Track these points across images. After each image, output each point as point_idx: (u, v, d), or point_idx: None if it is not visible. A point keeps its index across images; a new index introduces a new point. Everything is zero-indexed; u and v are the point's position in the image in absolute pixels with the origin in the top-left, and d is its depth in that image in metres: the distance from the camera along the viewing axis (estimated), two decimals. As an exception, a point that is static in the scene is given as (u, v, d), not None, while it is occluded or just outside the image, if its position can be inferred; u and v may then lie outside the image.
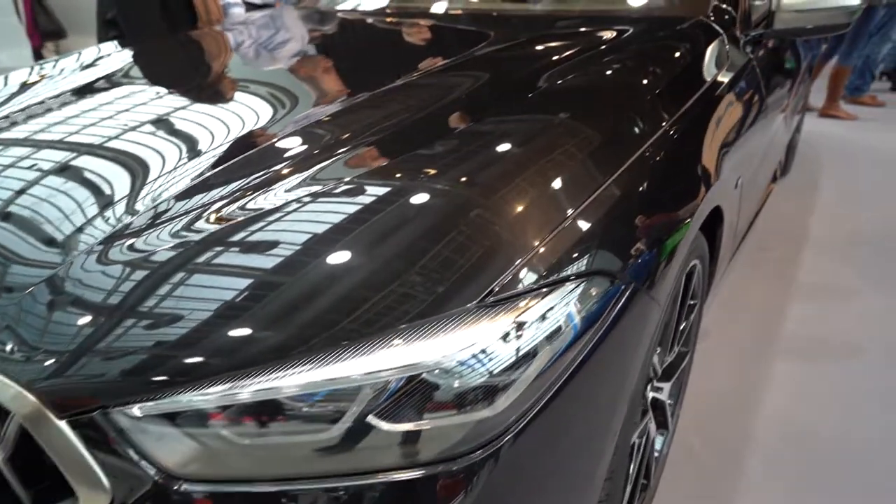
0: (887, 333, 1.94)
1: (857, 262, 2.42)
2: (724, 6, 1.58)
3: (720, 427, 1.57)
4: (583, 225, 0.78)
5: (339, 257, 0.71)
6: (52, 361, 0.64)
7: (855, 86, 4.99)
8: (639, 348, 0.83)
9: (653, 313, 0.85)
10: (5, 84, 1.48)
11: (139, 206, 0.85)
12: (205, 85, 1.42)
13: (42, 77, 1.53)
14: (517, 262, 0.71)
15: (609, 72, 1.21)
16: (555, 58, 1.29)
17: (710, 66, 1.35)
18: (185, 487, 0.63)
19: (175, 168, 0.95)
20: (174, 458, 0.62)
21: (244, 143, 1.01)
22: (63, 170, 0.97)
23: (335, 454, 0.64)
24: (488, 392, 0.66)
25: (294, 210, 0.79)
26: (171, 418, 0.62)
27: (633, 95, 1.11)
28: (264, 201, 0.82)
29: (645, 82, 1.17)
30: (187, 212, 0.82)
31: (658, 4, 1.71)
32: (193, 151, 1.00)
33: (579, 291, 0.73)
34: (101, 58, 1.67)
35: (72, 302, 0.70)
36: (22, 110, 1.25)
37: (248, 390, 0.62)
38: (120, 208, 0.85)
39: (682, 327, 1.27)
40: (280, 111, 1.16)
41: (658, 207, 0.92)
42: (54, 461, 0.63)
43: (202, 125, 1.12)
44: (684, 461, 1.46)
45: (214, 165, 0.94)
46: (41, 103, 1.28)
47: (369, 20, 1.90)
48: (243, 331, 0.65)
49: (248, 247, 0.74)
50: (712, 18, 1.53)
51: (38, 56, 4.78)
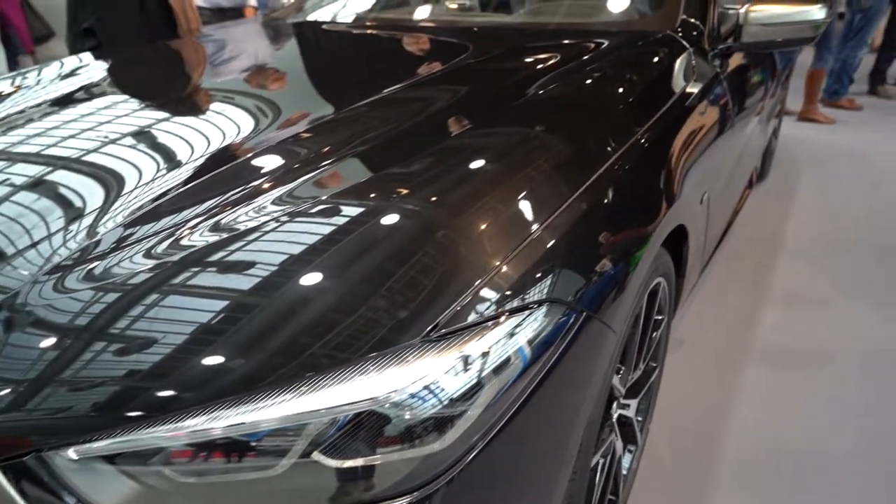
0: (857, 343, 1.96)
1: (831, 270, 2.45)
2: (693, 20, 1.59)
3: (691, 439, 1.58)
4: (535, 252, 0.78)
5: (291, 291, 0.70)
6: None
7: (833, 90, 5.05)
8: (593, 375, 0.84)
9: (607, 339, 0.85)
10: None
11: (100, 229, 0.84)
12: (175, 99, 1.40)
13: (17, 88, 1.52)
14: (466, 294, 0.70)
15: (573, 89, 1.21)
16: (519, 75, 1.29)
17: (677, 82, 1.36)
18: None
19: (137, 188, 0.94)
20: (113, 501, 0.61)
21: (214, 161, 1.00)
22: (28, 186, 0.95)
23: (281, 491, 0.63)
24: (436, 426, 0.66)
25: (256, 237, 0.78)
26: (110, 459, 0.61)
27: (596, 114, 1.12)
28: (229, 223, 0.81)
29: (609, 100, 1.18)
30: (141, 238, 0.81)
31: (626, 19, 1.72)
32: (161, 168, 0.99)
33: (529, 322, 0.72)
34: (79, 69, 1.66)
35: (7, 332, 0.68)
36: None
37: (191, 429, 0.62)
38: (76, 231, 0.84)
39: (649, 344, 1.27)
40: (253, 127, 1.15)
41: (615, 231, 0.92)
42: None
43: (170, 141, 1.11)
44: (654, 475, 1.46)
45: (182, 184, 0.93)
46: (7, 118, 1.26)
47: (346, 32, 1.90)
48: (186, 368, 0.64)
49: (195, 278, 0.73)
50: (680, 33, 1.53)
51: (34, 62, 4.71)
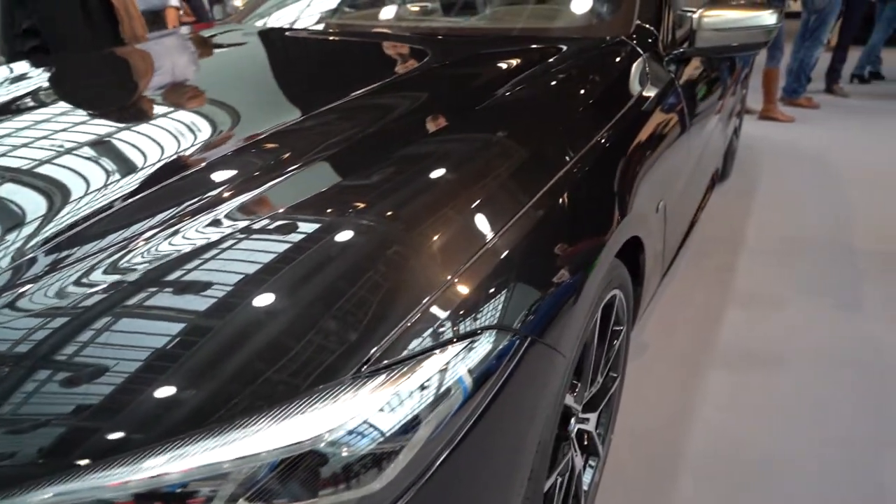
0: (815, 343, 1.99)
1: (791, 269, 2.48)
2: (647, 26, 1.58)
3: (653, 445, 1.58)
4: (477, 275, 0.75)
5: (223, 328, 0.65)
6: None
7: (792, 88, 5.16)
8: (542, 399, 0.81)
9: (556, 362, 0.83)
10: None
11: (33, 247, 0.79)
12: (120, 109, 1.34)
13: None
14: (404, 323, 0.67)
15: (524, 99, 1.19)
16: (469, 84, 1.26)
17: (631, 89, 1.34)
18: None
19: (75, 201, 0.89)
20: None
21: (162, 173, 0.95)
22: None
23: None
24: (371, 465, 0.62)
25: (196, 262, 0.74)
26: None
27: (545, 125, 1.09)
28: (173, 242, 0.77)
29: (560, 110, 1.16)
30: (77, 259, 0.76)
31: (580, 25, 1.70)
32: (102, 182, 0.94)
33: (470, 351, 0.69)
34: (23, 76, 1.58)
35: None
36: None
37: (114, 480, 0.57)
38: (5, 251, 0.78)
39: (607, 356, 1.26)
40: (204, 137, 1.10)
41: (563, 248, 0.89)
42: None
43: (113, 154, 1.05)
44: (617, 483, 1.45)
45: (123, 199, 0.88)
46: None
47: (302, 39, 1.84)
48: (108, 413, 0.59)
49: (120, 306, 0.69)
50: (634, 39, 1.52)
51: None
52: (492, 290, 0.75)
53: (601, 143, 1.10)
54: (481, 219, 0.82)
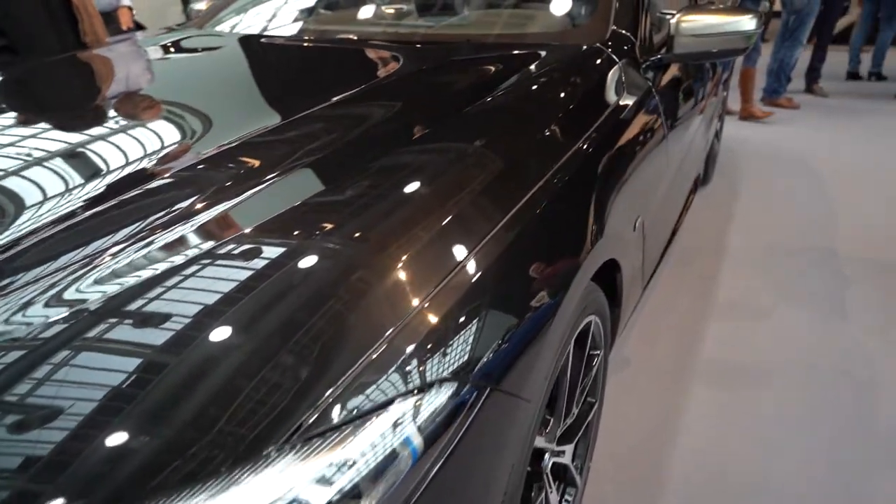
0: (800, 354, 1.94)
1: (773, 276, 2.43)
2: (623, 32, 1.52)
3: (635, 468, 1.51)
4: (430, 319, 0.67)
5: (155, 390, 0.57)
6: None
7: (772, 88, 5.15)
8: (505, 448, 0.73)
9: (519, 409, 0.75)
10: None
11: None
12: (70, 119, 1.24)
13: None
14: (345, 379, 0.59)
15: (489, 112, 1.11)
16: (437, 96, 1.19)
17: (605, 99, 1.27)
18: None
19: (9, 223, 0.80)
20: None
21: (115, 189, 0.88)
22: None
23: None
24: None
25: (139, 302, 0.66)
26: None
27: (514, 142, 1.02)
28: (117, 271, 0.70)
29: (529, 125, 1.08)
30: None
31: (553, 31, 1.63)
32: (41, 203, 0.86)
33: (418, 408, 0.62)
34: None
35: None
36: None
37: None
38: None
39: (583, 385, 1.19)
40: (163, 149, 1.01)
41: (529, 282, 0.81)
42: None
43: (60, 169, 0.97)
44: (598, 513, 1.39)
45: (55, 223, 0.80)
46: None
47: (267, 44, 1.75)
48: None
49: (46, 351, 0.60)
50: (610, 46, 1.46)
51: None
52: (447, 335, 0.67)
53: (573, 161, 1.03)
54: (440, 252, 0.74)
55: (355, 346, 0.62)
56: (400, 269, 0.70)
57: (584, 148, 1.07)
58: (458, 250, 0.75)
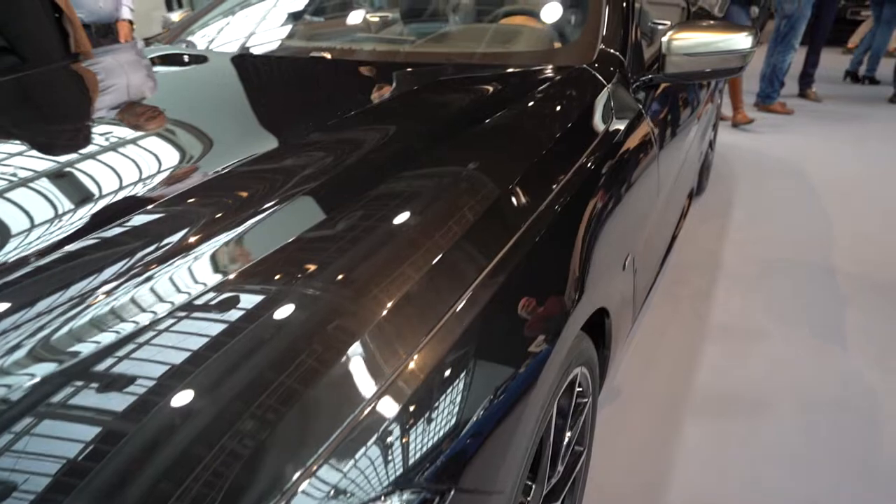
0: (796, 383, 1.86)
1: (768, 295, 2.36)
2: (612, 51, 1.43)
3: (627, 514, 1.43)
4: (383, 415, 0.58)
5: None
6: None
7: (765, 94, 5.09)
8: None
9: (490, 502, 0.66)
10: None
11: None
12: (30, 148, 1.15)
13: None
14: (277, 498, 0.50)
15: (462, 152, 1.01)
16: (406, 131, 1.09)
17: (591, 130, 1.18)
18: None
19: None
20: None
21: (84, 228, 0.81)
22: None
23: None
24: None
25: (113, 358, 0.60)
26: None
27: (490, 184, 0.92)
28: (87, 323, 0.64)
29: (508, 164, 0.99)
30: None
31: (538, 51, 1.54)
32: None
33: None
34: None
35: None
36: None
37: None
38: None
39: (570, 435, 1.10)
40: (135, 182, 0.93)
41: (501, 354, 0.72)
42: None
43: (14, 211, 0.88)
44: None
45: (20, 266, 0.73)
46: None
47: (242, 63, 1.65)
48: None
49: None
50: (597, 67, 1.37)
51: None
52: (401, 433, 0.58)
53: (555, 205, 0.94)
54: (408, 327, 0.66)
55: (303, 451, 0.53)
56: (369, 340, 0.63)
57: (568, 189, 0.98)
58: (424, 326, 0.67)
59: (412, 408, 0.60)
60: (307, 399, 0.56)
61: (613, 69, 1.39)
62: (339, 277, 0.70)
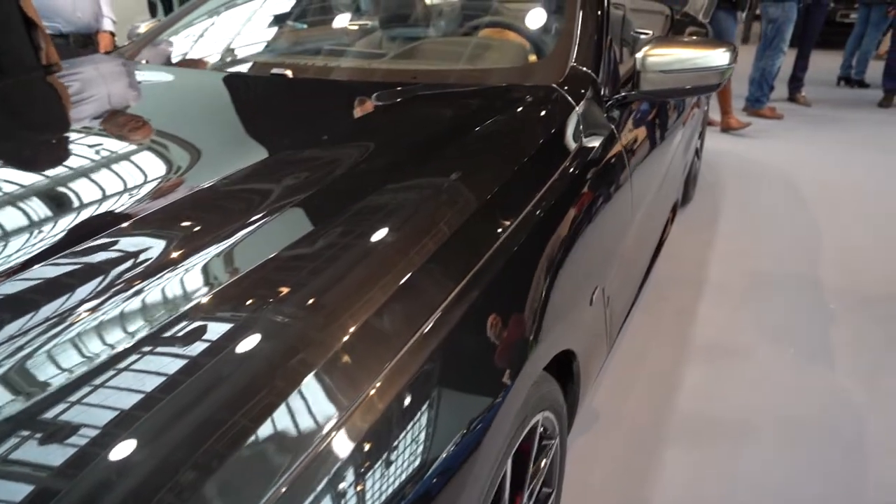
0: (782, 405, 1.81)
1: (754, 310, 2.31)
2: (584, 69, 1.37)
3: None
4: (329, 458, 0.55)
5: None
6: None
7: (755, 98, 5.05)
8: None
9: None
10: None
11: None
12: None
13: None
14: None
15: (413, 188, 0.95)
16: (354, 160, 1.03)
17: (556, 155, 1.12)
18: None
19: None
20: None
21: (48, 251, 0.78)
22: None
23: None
24: None
25: (64, 403, 0.57)
26: None
27: (439, 225, 0.86)
28: (32, 364, 0.61)
29: (459, 201, 0.92)
30: None
31: (506, 69, 1.47)
32: None
33: None
34: None
35: None
36: None
37: None
38: None
39: (535, 480, 1.04)
40: (90, 205, 0.90)
41: (444, 417, 0.66)
42: None
43: None
44: None
45: None
46: None
47: (208, 80, 1.58)
48: None
49: None
50: (567, 86, 1.31)
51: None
52: (345, 488, 0.54)
53: (514, 239, 0.88)
54: (355, 374, 0.63)
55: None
56: (321, 379, 0.61)
57: (524, 225, 0.92)
58: (356, 389, 0.62)
59: (356, 463, 0.57)
60: (252, 443, 0.54)
61: (585, 88, 1.33)
62: (281, 320, 0.67)
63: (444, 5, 1.97)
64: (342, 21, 1.93)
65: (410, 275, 0.75)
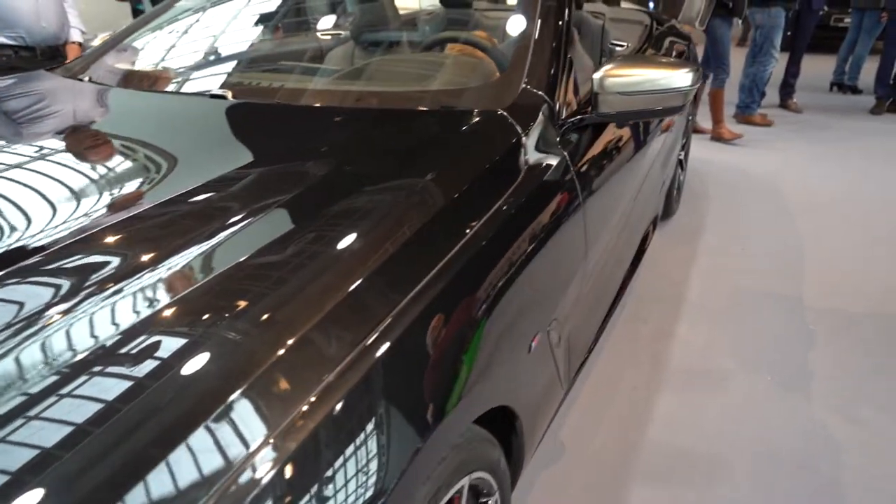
0: (757, 439, 1.72)
1: (734, 332, 2.22)
2: (537, 92, 1.29)
3: None
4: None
5: None
6: None
7: (745, 104, 4.97)
8: None
9: None
10: None
11: None
12: None
13: None
14: None
15: (333, 226, 0.87)
16: (284, 194, 0.95)
17: (492, 189, 1.02)
18: None
19: None
20: None
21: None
22: None
23: None
24: None
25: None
26: None
27: (354, 270, 0.79)
28: None
29: (378, 241, 0.84)
30: None
31: (449, 91, 1.38)
32: None
33: None
34: None
35: None
36: None
37: None
38: None
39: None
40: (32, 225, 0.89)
41: (350, 486, 0.60)
42: None
43: None
44: None
45: None
46: None
47: (145, 99, 1.50)
48: None
49: None
50: (515, 111, 1.22)
51: None
52: None
53: (428, 292, 0.79)
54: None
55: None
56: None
57: (446, 270, 0.84)
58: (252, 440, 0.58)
59: None
60: (167, 460, 0.54)
61: (536, 112, 1.25)
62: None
63: (406, 19, 1.89)
64: (290, 39, 1.85)
65: (299, 337, 0.68)
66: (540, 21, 1.41)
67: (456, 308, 0.83)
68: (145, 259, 0.79)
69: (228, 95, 1.39)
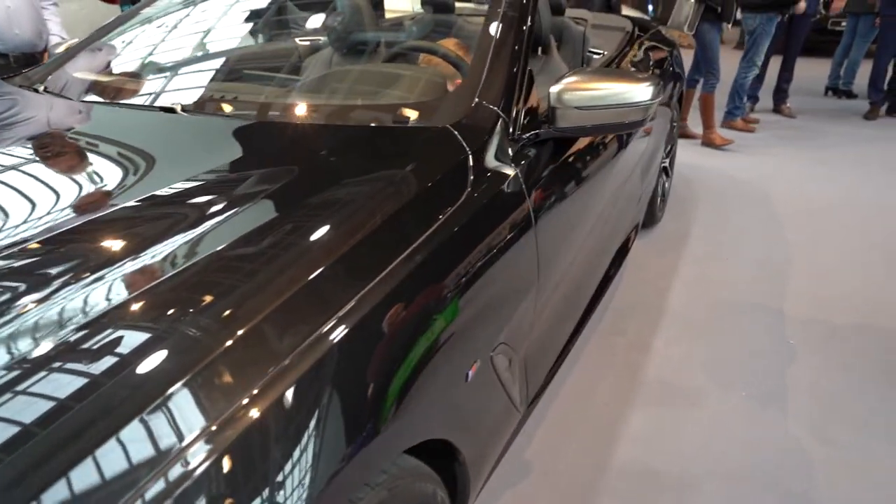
0: (731, 460, 1.68)
1: (713, 346, 2.18)
2: (491, 107, 1.25)
3: None
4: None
5: None
6: None
7: (727, 110, 4.92)
8: None
9: None
10: None
11: None
12: None
13: None
14: None
15: (280, 234, 0.85)
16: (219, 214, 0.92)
17: (430, 211, 0.97)
18: None
19: None
20: None
21: None
22: None
23: None
24: None
25: None
26: None
27: (301, 279, 0.76)
28: None
29: (306, 265, 0.81)
30: None
31: (398, 106, 1.33)
32: None
33: None
34: None
35: None
36: None
37: None
38: None
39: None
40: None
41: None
42: None
43: None
44: None
45: None
46: None
47: (97, 111, 1.47)
48: None
49: None
50: (464, 128, 1.18)
51: None
52: None
53: (351, 318, 0.76)
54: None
55: None
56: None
57: (378, 292, 0.80)
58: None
59: None
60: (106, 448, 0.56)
61: (488, 128, 1.21)
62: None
63: (374, 28, 1.86)
64: (246, 51, 1.81)
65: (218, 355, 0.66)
66: (499, 33, 1.37)
67: (382, 337, 0.79)
68: (95, 261, 0.81)
69: (178, 109, 1.36)
